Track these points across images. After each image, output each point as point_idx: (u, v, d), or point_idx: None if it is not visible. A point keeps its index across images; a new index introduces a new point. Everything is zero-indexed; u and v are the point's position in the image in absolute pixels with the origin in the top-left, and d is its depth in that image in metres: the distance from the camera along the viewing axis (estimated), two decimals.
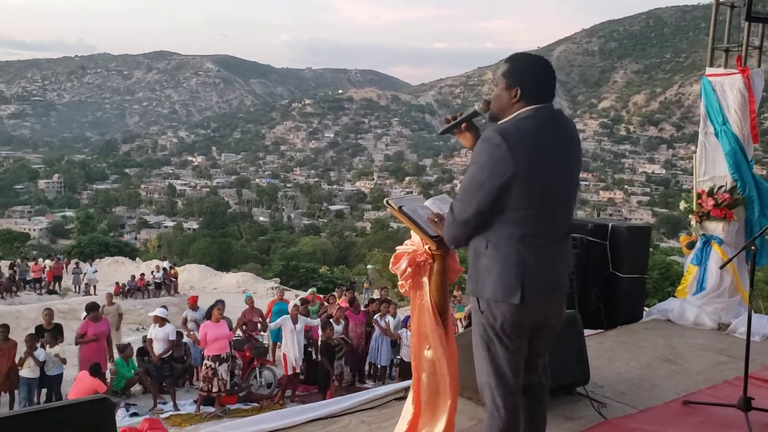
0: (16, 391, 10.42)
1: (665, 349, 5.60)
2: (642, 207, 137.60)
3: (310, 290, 17.99)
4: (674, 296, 7.00)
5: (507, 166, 2.64)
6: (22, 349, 10.61)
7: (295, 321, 11.21)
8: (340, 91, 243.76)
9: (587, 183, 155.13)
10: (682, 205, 7.01)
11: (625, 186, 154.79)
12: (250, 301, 13.95)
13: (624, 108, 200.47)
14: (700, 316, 6.37)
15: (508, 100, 2.79)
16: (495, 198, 2.70)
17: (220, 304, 11.06)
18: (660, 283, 27.89)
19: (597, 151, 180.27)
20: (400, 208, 3.27)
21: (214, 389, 10.18)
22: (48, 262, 30.22)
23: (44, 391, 10.53)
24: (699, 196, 6.74)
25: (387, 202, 3.37)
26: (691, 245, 6.85)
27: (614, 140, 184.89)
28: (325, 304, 15.40)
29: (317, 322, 12.54)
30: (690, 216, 6.90)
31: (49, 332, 10.87)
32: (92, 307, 11.45)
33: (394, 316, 12.78)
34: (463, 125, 3.08)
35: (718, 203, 6.56)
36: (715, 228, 6.66)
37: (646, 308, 7.02)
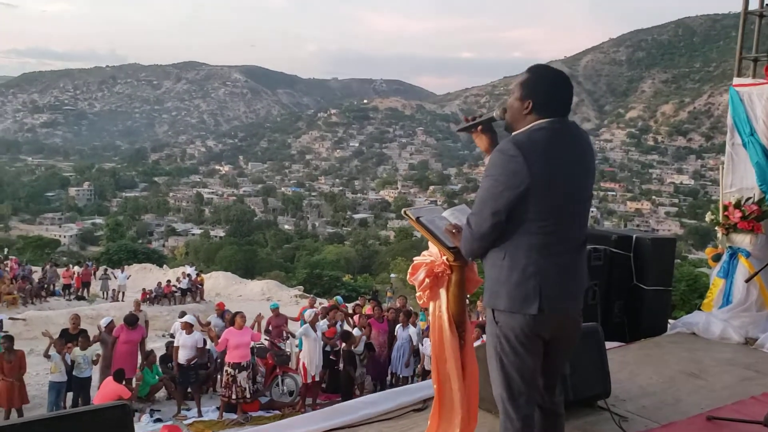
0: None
1: (690, 363, 5.51)
2: (670, 218, 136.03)
3: (334, 298, 17.98)
4: (700, 309, 6.89)
5: (522, 178, 2.65)
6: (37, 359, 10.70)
7: (315, 330, 11.26)
8: (366, 101, 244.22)
9: (614, 193, 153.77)
10: (709, 216, 6.92)
11: (653, 196, 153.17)
12: (275, 311, 14.00)
13: (652, 118, 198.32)
14: (726, 330, 6.26)
15: (520, 111, 2.81)
16: (511, 209, 2.70)
17: (241, 313, 11.11)
18: (688, 295, 27.48)
19: (624, 161, 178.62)
20: (417, 218, 3.27)
21: (233, 396, 10.22)
22: (77, 268, 30.59)
23: (70, 395, 10.65)
24: (726, 207, 6.64)
25: (405, 212, 3.37)
26: (717, 258, 6.75)
27: (642, 150, 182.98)
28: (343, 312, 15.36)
29: (324, 322, 12.59)
30: (716, 228, 6.81)
31: (80, 335, 11.01)
32: (132, 321, 11.56)
33: (415, 325, 12.72)
34: (480, 127, 3.13)
35: (745, 215, 6.46)
36: (742, 240, 6.55)
37: (671, 321, 6.93)
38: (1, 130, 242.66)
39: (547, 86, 2.81)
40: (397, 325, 12.64)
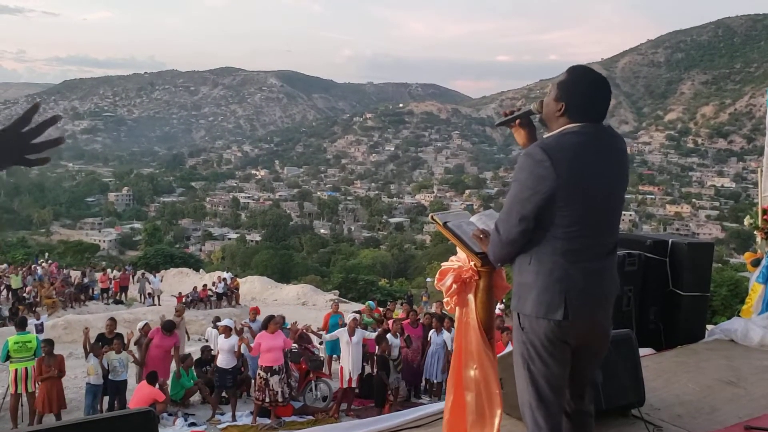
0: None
1: (727, 371, 5.37)
2: (711, 221, 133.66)
3: (366, 303, 17.93)
4: (739, 315, 6.74)
5: (550, 182, 2.60)
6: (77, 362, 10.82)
7: (351, 333, 11.22)
8: (401, 105, 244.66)
9: (653, 197, 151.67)
10: (747, 221, 6.79)
11: (693, 200, 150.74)
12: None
13: (691, 120, 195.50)
14: (765, 336, 6.09)
15: (553, 112, 2.76)
16: (539, 215, 2.66)
17: (278, 317, 11.13)
18: (729, 301, 26.91)
19: (663, 164, 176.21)
20: (445, 223, 3.24)
21: (266, 400, 10.25)
22: (115, 272, 31.11)
23: (106, 398, 10.77)
24: (765, 211, 6.50)
25: (432, 217, 3.34)
26: (756, 263, 6.60)
27: (681, 153, 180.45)
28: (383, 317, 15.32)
29: (374, 335, 12.52)
30: (755, 232, 6.66)
31: (115, 339, 11.14)
32: (169, 327, 11.66)
33: (450, 330, 12.64)
34: (518, 121, 3.09)
35: None
36: None
37: (709, 327, 6.78)
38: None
39: (582, 91, 2.74)
40: (431, 330, 12.57)
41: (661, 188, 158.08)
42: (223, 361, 11.26)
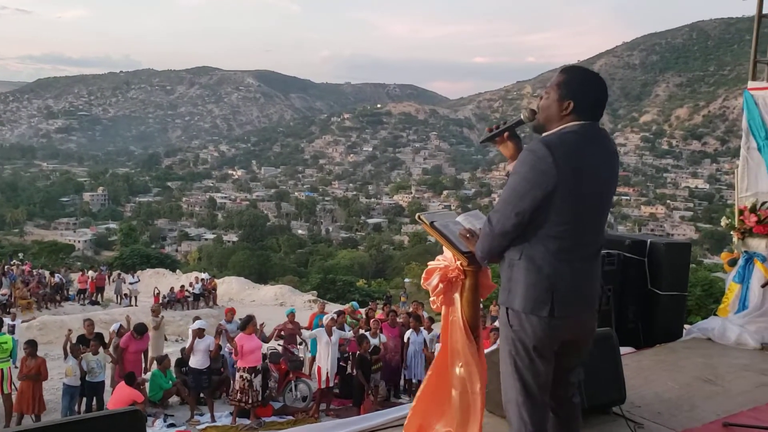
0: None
1: (705, 369, 5.46)
2: (685, 222, 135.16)
3: (348, 304, 17.91)
4: (715, 315, 6.84)
5: (550, 179, 2.62)
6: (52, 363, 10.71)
7: (329, 333, 11.22)
8: (379, 106, 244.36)
9: (628, 198, 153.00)
10: (724, 221, 6.89)
11: (668, 201, 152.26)
12: (291, 316, 13.96)
13: (666, 122, 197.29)
14: (742, 335, 6.20)
15: (558, 112, 2.76)
16: (535, 210, 2.67)
17: (253, 318, 11.09)
18: (703, 300, 27.22)
19: (638, 165, 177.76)
20: (431, 223, 3.26)
21: (249, 401, 10.22)
22: (91, 273, 30.79)
23: (84, 400, 10.68)
24: (741, 212, 6.60)
25: (419, 217, 3.36)
26: (732, 262, 6.70)
27: (656, 154, 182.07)
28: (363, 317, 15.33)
29: (351, 335, 12.52)
30: (732, 232, 6.76)
31: (93, 340, 11.05)
32: (141, 331, 11.59)
33: (429, 330, 12.68)
34: (506, 134, 3.08)
35: (761, 220, 6.42)
36: (758, 245, 6.51)
37: (686, 326, 6.87)
38: (16, 135, 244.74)
39: (588, 88, 2.78)
40: (408, 330, 12.59)
41: (636, 189, 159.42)
42: (197, 362, 11.07)
